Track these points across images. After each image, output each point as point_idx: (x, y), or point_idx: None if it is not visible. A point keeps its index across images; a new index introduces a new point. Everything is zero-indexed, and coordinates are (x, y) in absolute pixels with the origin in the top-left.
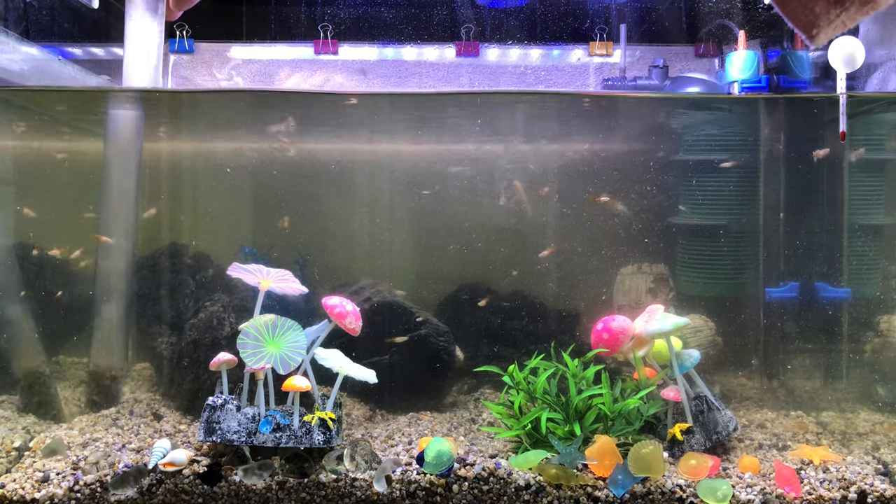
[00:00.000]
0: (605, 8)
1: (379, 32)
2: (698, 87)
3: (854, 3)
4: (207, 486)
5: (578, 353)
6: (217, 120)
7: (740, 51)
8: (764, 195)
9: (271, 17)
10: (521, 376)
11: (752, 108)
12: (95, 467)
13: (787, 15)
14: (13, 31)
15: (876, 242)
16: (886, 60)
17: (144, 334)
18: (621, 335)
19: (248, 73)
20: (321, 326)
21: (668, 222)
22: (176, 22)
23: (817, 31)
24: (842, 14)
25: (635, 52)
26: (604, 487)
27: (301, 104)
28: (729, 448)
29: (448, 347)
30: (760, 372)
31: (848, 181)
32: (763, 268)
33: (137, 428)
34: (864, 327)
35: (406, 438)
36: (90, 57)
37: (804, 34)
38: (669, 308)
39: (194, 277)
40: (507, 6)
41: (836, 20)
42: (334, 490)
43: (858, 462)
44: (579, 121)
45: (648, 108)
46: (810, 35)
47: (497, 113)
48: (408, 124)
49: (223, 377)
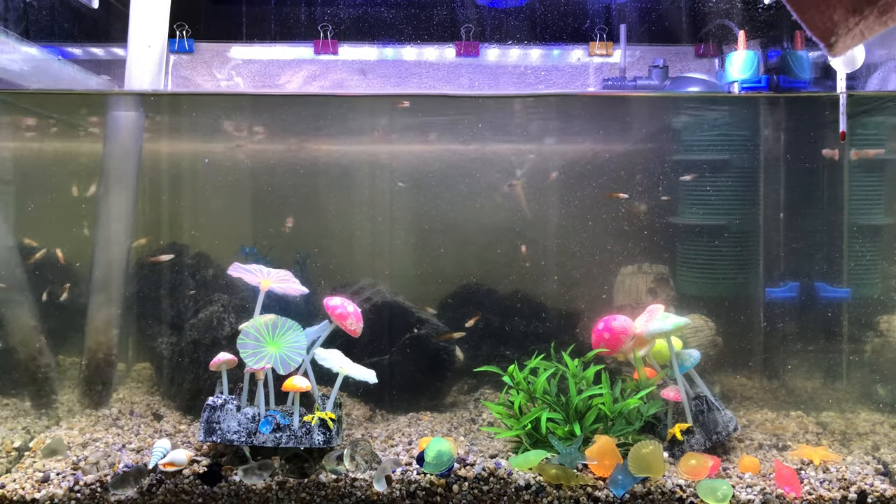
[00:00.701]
0: (605, 8)
1: (379, 32)
2: (698, 87)
3: (872, 13)
4: (207, 486)
5: (579, 353)
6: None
7: (740, 51)
8: (764, 195)
9: (271, 17)
10: (521, 376)
11: (752, 108)
12: (95, 467)
13: (805, 23)
14: (13, 31)
15: (876, 242)
16: (886, 60)
17: (144, 334)
18: (622, 335)
19: (248, 73)
20: (321, 327)
21: (669, 222)
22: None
23: (835, 39)
24: (860, 23)
25: (635, 52)
26: (604, 487)
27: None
28: (729, 448)
29: (448, 347)
30: (760, 372)
31: (848, 181)
32: (763, 268)
33: (137, 428)
34: (864, 327)
35: (406, 438)
36: (90, 57)
37: (822, 42)
38: (669, 308)
39: (194, 277)
40: (507, 6)
41: (854, 29)
42: (334, 490)
43: (858, 462)
44: (579, 121)
45: (648, 107)
46: (828, 44)
47: (498, 113)
48: (412, 125)
49: (223, 377)
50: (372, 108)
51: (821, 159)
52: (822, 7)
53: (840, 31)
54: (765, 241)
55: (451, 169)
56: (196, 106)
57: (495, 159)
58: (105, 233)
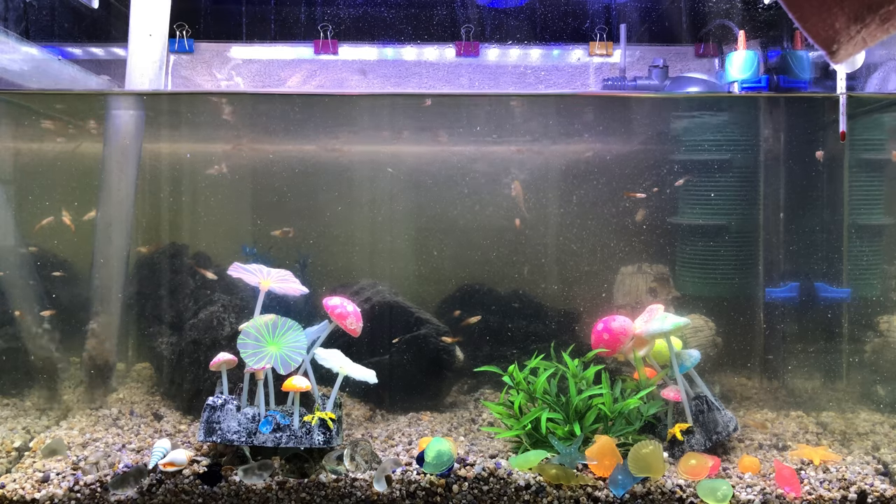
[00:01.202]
0: (605, 8)
1: (379, 32)
2: (698, 87)
3: (874, 20)
4: (207, 486)
5: (579, 352)
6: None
7: (740, 51)
8: (764, 195)
9: (271, 17)
10: (521, 376)
11: (752, 108)
12: (95, 467)
13: (807, 31)
14: (13, 31)
15: (876, 242)
16: (886, 60)
17: (144, 334)
18: (622, 335)
19: (248, 73)
20: (321, 327)
21: (669, 222)
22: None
23: (837, 47)
24: (862, 30)
25: (635, 52)
26: (604, 487)
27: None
28: (729, 448)
29: (448, 347)
30: (760, 372)
31: (848, 181)
32: (763, 268)
33: (137, 428)
34: (864, 327)
35: (406, 438)
36: (90, 57)
37: (824, 50)
38: (669, 308)
39: (194, 277)
40: (507, 6)
41: (856, 36)
42: (334, 490)
43: (858, 462)
44: (578, 121)
45: (648, 108)
46: (830, 51)
47: (500, 113)
48: (415, 125)
49: (223, 377)
50: (372, 106)
51: (821, 159)
52: (824, 15)
53: (842, 39)
54: (765, 241)
55: (451, 168)
56: (195, 105)
57: (495, 159)
58: (105, 233)
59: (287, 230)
